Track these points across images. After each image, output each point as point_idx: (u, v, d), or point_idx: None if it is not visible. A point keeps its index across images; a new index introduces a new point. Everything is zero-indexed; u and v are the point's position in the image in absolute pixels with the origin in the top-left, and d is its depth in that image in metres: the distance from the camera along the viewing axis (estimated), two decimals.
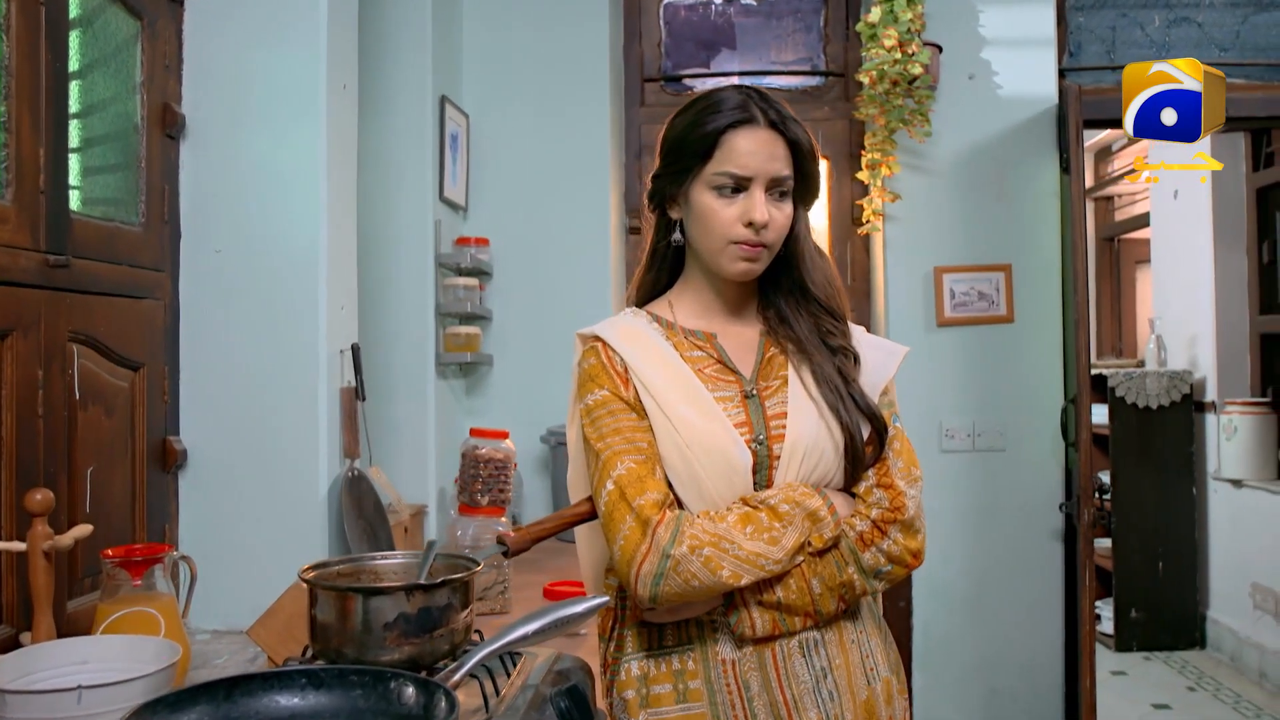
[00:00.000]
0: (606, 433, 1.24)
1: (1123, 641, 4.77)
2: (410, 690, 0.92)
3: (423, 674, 1.00)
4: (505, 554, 1.26)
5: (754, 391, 1.29)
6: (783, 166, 1.27)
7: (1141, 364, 5.26)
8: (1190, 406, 4.79)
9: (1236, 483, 4.50)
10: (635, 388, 1.26)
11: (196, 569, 1.66)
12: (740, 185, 1.26)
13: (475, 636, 1.26)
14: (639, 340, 1.30)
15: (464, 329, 2.89)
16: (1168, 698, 4.17)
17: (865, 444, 1.26)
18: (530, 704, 1.10)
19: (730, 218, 1.26)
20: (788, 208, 1.29)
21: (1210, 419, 4.74)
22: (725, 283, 1.33)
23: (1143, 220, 6.17)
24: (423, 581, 1.17)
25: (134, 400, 1.89)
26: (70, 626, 1.57)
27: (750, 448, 1.24)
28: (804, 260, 1.33)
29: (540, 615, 1.04)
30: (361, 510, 2.08)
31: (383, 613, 1.08)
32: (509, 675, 1.20)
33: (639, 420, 1.25)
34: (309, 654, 1.20)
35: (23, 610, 1.51)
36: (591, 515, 1.30)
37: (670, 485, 1.23)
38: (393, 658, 1.10)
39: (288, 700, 0.93)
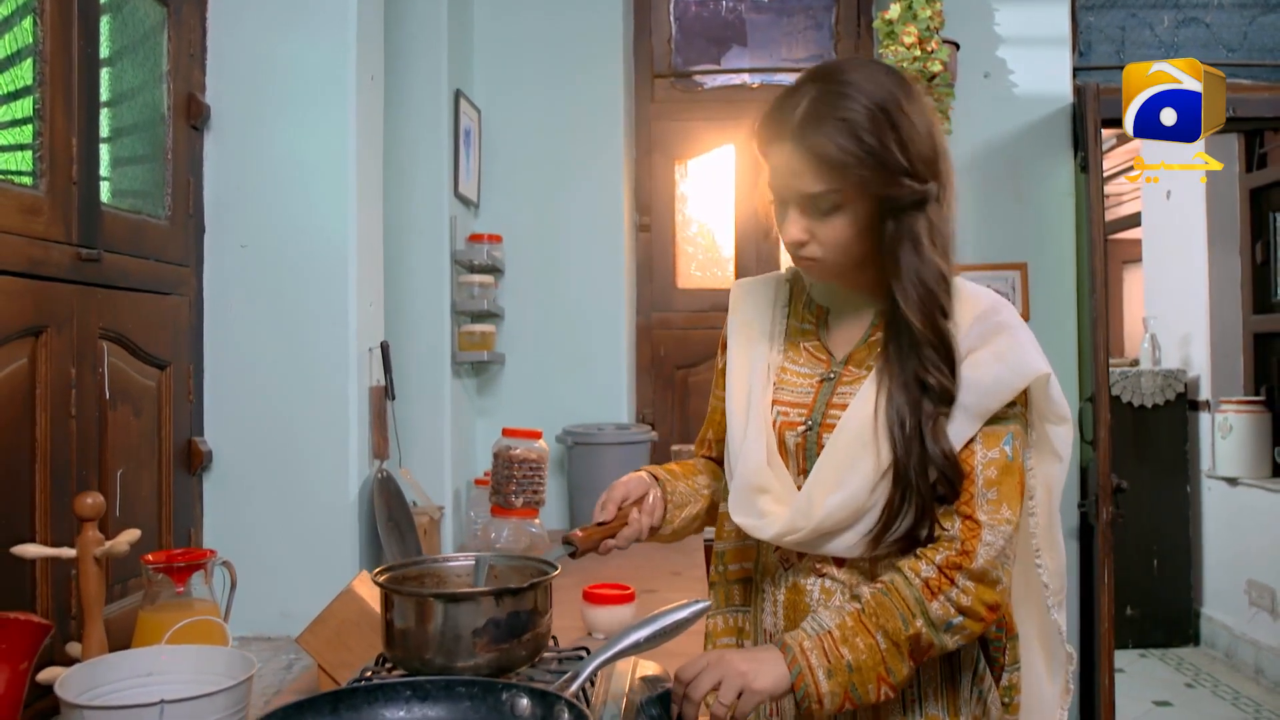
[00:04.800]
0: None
1: (1118, 639, 4.79)
2: (525, 701, 0.87)
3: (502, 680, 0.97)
4: (573, 555, 1.22)
5: (834, 374, 1.23)
6: (808, 183, 1.12)
7: (1135, 363, 5.30)
8: (1184, 405, 4.83)
9: (1232, 480, 4.54)
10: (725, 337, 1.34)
11: (236, 575, 1.60)
12: (780, 201, 1.18)
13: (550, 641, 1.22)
14: (756, 294, 1.34)
15: (478, 327, 2.83)
16: (1168, 694, 4.20)
17: (923, 476, 1.11)
18: (624, 713, 1.06)
19: (782, 231, 1.19)
20: (837, 221, 1.14)
21: (1204, 417, 4.78)
22: None
23: (1130, 221, 6.23)
24: (494, 588, 1.13)
25: (160, 400, 1.82)
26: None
27: (799, 431, 1.21)
28: (899, 280, 1.14)
29: (649, 623, 1.00)
30: (391, 512, 2.02)
31: (472, 618, 1.03)
32: (593, 683, 1.15)
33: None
34: (385, 662, 1.16)
35: (59, 619, 1.44)
36: None
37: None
38: (476, 664, 1.05)
39: (394, 713, 0.88)
